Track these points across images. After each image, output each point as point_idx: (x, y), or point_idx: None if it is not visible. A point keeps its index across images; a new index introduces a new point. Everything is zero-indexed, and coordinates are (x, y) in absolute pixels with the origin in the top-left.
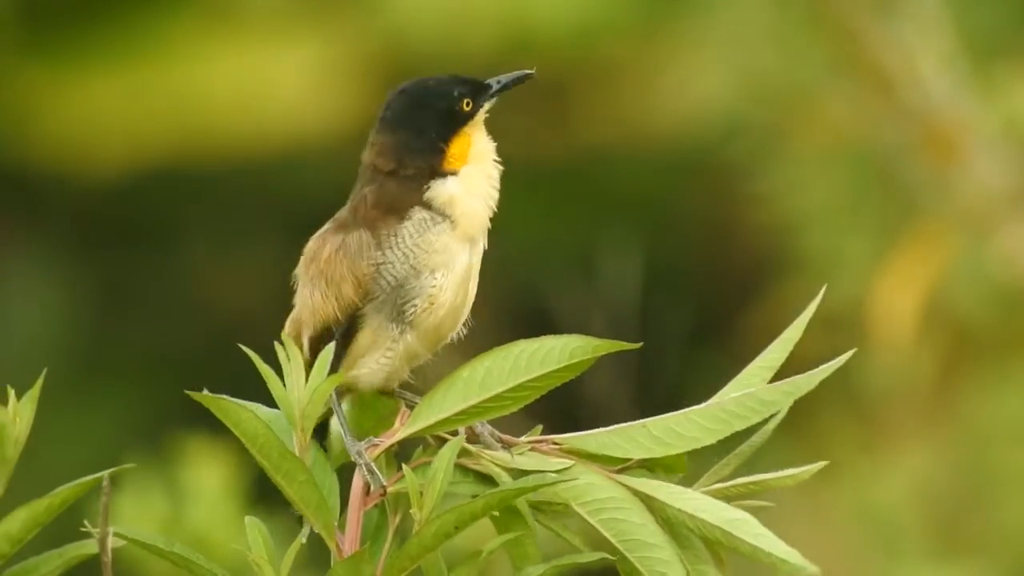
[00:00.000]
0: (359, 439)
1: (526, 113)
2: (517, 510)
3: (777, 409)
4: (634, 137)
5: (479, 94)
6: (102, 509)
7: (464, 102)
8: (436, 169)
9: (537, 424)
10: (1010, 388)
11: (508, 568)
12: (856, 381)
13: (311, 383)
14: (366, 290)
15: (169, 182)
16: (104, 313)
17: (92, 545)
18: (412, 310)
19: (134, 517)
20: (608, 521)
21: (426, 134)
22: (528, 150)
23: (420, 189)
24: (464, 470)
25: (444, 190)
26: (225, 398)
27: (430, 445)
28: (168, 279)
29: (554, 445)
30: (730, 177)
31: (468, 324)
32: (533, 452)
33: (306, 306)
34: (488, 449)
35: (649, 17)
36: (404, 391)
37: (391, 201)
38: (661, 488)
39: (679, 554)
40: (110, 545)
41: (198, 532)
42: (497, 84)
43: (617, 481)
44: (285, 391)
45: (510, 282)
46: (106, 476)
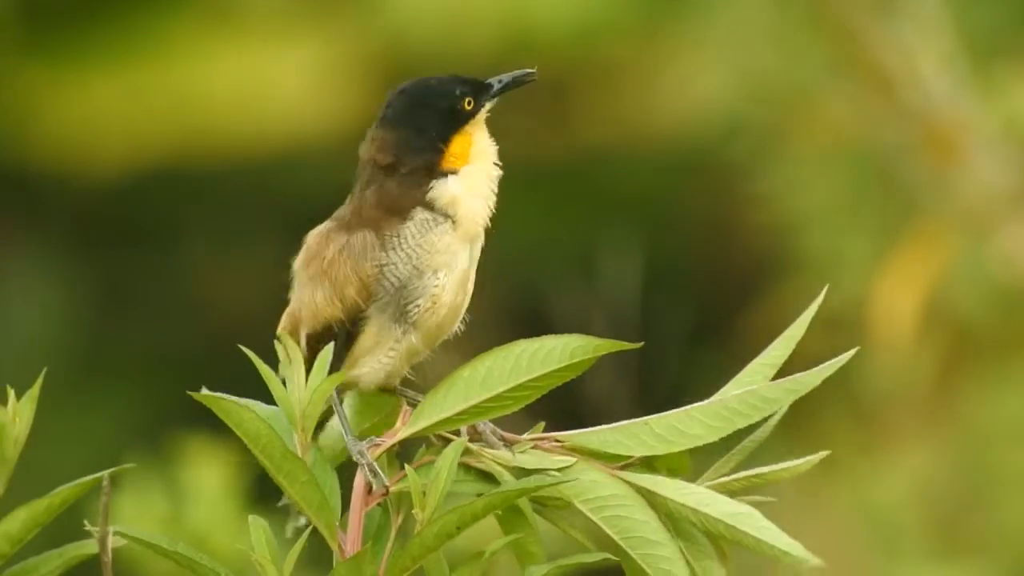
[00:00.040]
0: (360, 438)
1: (526, 113)
2: (520, 508)
3: (780, 406)
4: (634, 137)
5: (481, 93)
6: (102, 509)
7: (466, 101)
8: (435, 168)
9: (539, 422)
10: (1010, 388)
11: (512, 565)
12: (856, 381)
13: (311, 383)
14: (370, 292)
15: (169, 182)
16: (104, 313)
17: (92, 545)
18: (415, 310)
19: (134, 517)
20: (611, 518)
21: (426, 132)
22: (528, 150)
23: (421, 189)
24: (466, 468)
25: (446, 190)
26: (226, 397)
27: (433, 444)
28: (168, 279)
29: (556, 443)
30: (730, 177)
31: (465, 321)
32: (535, 450)
33: (307, 306)
34: (490, 447)
35: (649, 17)
36: (406, 389)
37: (393, 201)
38: (663, 484)
39: (683, 550)
40: (110, 545)
41: (198, 532)
42: (499, 84)
43: (619, 478)
44: (285, 391)
45: (510, 282)
46: (106, 476)
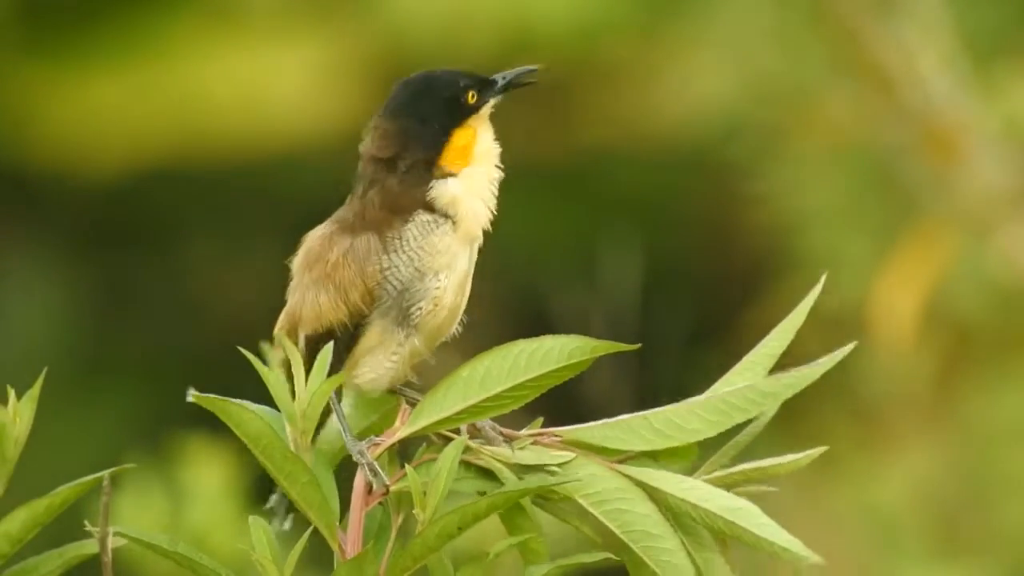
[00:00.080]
0: (359, 438)
1: (526, 113)
2: (522, 505)
3: (779, 401)
4: (634, 137)
5: (485, 88)
6: (102, 509)
7: (469, 94)
8: (436, 162)
9: (538, 416)
10: (1010, 388)
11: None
12: (856, 381)
13: (311, 385)
14: (374, 296)
15: (169, 182)
16: (104, 313)
17: (92, 545)
18: (417, 313)
19: (134, 517)
20: (612, 512)
21: (429, 123)
22: (528, 150)
23: (422, 189)
24: (465, 465)
25: (446, 191)
26: (227, 399)
27: (433, 443)
28: (168, 279)
29: (555, 438)
30: (730, 177)
31: (463, 322)
32: (534, 445)
33: (310, 308)
34: (489, 444)
35: (649, 17)
36: (405, 388)
37: (394, 201)
38: (663, 477)
39: (684, 543)
40: (110, 545)
41: (198, 532)
42: (503, 80)
43: (619, 472)
44: (285, 392)
45: (510, 282)
46: (106, 476)
